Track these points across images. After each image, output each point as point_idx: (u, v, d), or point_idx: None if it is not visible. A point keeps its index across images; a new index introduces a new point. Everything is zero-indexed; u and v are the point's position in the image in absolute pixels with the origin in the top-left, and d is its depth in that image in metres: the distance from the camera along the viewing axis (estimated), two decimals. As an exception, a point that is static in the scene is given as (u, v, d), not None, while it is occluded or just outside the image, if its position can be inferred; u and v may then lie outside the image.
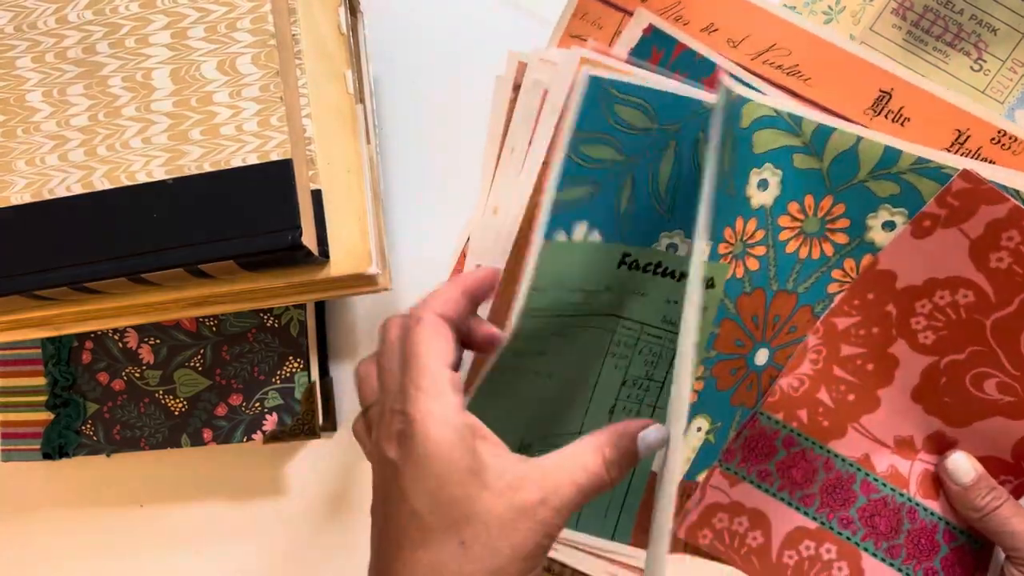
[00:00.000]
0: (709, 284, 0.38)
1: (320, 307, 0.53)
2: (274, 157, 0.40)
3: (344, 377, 0.53)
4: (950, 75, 0.51)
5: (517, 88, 0.38)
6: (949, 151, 0.39)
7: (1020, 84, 0.51)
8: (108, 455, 0.51)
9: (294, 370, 0.50)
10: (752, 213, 0.38)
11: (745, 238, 0.39)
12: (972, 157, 0.39)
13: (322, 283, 0.45)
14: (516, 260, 0.41)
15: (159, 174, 0.41)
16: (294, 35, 0.44)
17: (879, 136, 0.39)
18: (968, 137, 0.40)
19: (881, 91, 0.40)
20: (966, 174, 0.38)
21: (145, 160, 0.41)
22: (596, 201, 0.36)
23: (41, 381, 0.52)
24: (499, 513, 0.30)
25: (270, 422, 0.50)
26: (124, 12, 0.42)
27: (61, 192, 0.41)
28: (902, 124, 0.40)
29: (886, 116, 0.40)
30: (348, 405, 0.53)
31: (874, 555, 0.43)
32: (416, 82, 0.54)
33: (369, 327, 0.54)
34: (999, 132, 0.39)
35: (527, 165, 0.37)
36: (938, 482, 0.43)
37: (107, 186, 0.41)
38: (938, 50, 0.52)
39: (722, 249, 0.38)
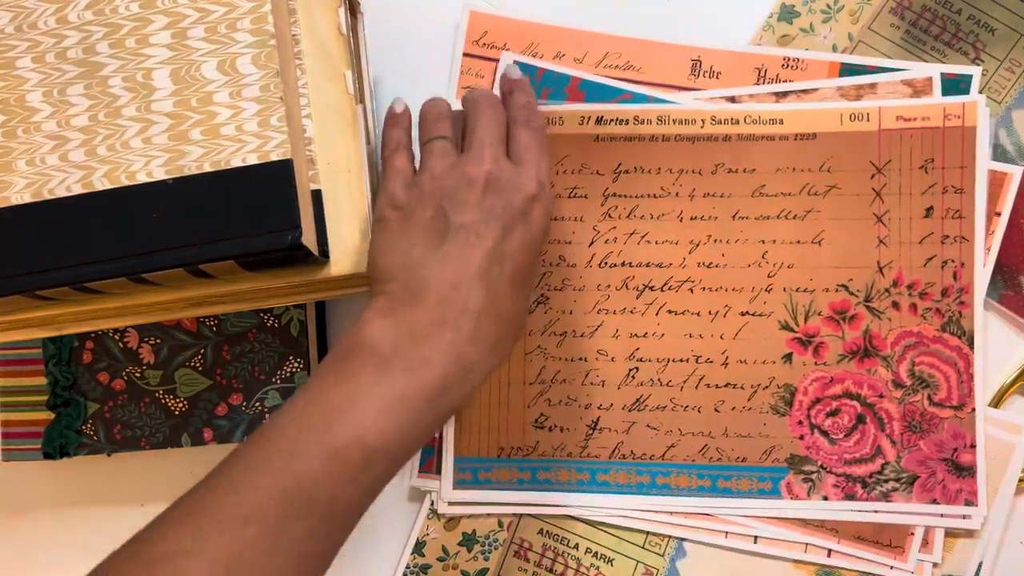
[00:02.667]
0: None
1: (320, 307, 0.53)
2: (274, 157, 0.40)
3: (344, 377, 0.53)
4: (948, 75, 0.51)
5: None
6: (757, 84, 0.51)
7: (1018, 84, 0.51)
8: (109, 455, 0.51)
9: (294, 370, 0.50)
10: None
11: None
12: (773, 82, 0.51)
13: (322, 283, 0.45)
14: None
15: (159, 174, 0.41)
16: (294, 35, 0.44)
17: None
18: (766, 70, 0.52)
19: (692, 60, 0.52)
20: None
21: (145, 160, 0.41)
22: None
23: (42, 381, 0.52)
24: None
25: (270, 422, 0.50)
26: (124, 12, 0.42)
27: (61, 192, 0.41)
28: (716, 78, 0.52)
29: (704, 76, 0.52)
30: (348, 405, 0.53)
31: None
32: (416, 82, 0.54)
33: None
34: (785, 59, 0.51)
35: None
36: None
37: (107, 186, 0.41)
38: (936, 49, 0.52)
39: None
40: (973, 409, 0.49)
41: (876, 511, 0.49)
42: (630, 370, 0.50)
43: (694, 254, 0.50)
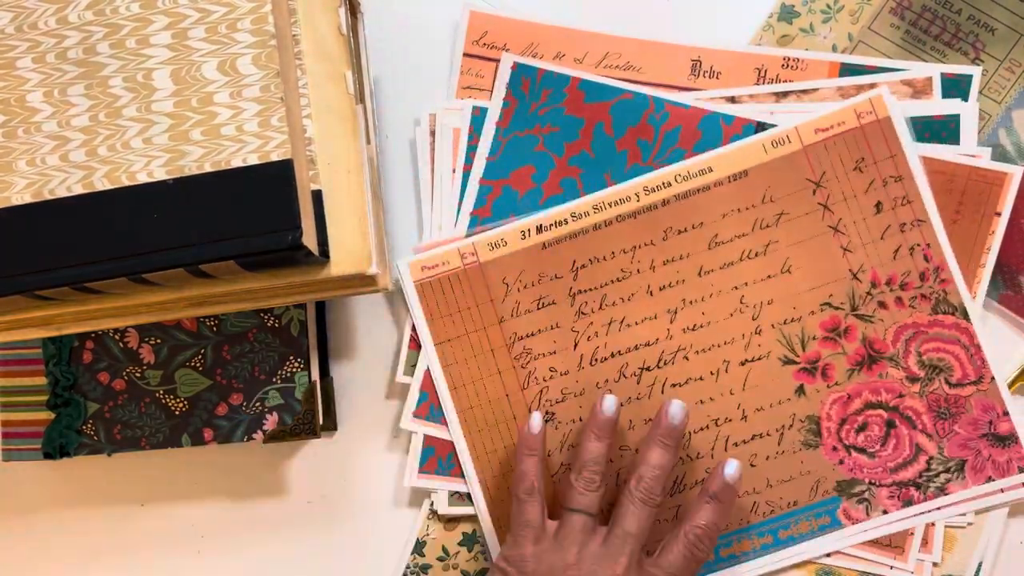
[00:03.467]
0: None
1: (320, 307, 0.53)
2: (274, 157, 0.40)
3: (344, 377, 0.54)
4: (948, 75, 0.51)
5: (433, 132, 0.53)
6: (757, 84, 0.52)
7: (1018, 84, 0.51)
8: (109, 454, 0.51)
9: (294, 370, 0.50)
10: None
11: None
12: (773, 82, 0.51)
13: (322, 283, 0.45)
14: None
15: (160, 174, 0.41)
16: (294, 35, 0.44)
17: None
18: (766, 70, 0.51)
19: (692, 60, 0.52)
20: None
21: (146, 160, 0.41)
22: None
23: (42, 381, 0.52)
24: None
25: (271, 422, 0.50)
26: (125, 12, 0.42)
27: (62, 192, 0.41)
28: (716, 78, 0.52)
29: (703, 76, 0.52)
30: (348, 405, 0.54)
31: None
32: (416, 82, 0.54)
33: (369, 327, 0.54)
34: (785, 59, 0.51)
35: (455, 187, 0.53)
36: None
37: (108, 186, 0.41)
38: (936, 49, 0.52)
39: None
40: (992, 378, 0.49)
41: (939, 507, 0.48)
42: None
43: (676, 322, 0.50)
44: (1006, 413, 0.48)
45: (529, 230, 0.51)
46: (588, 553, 0.43)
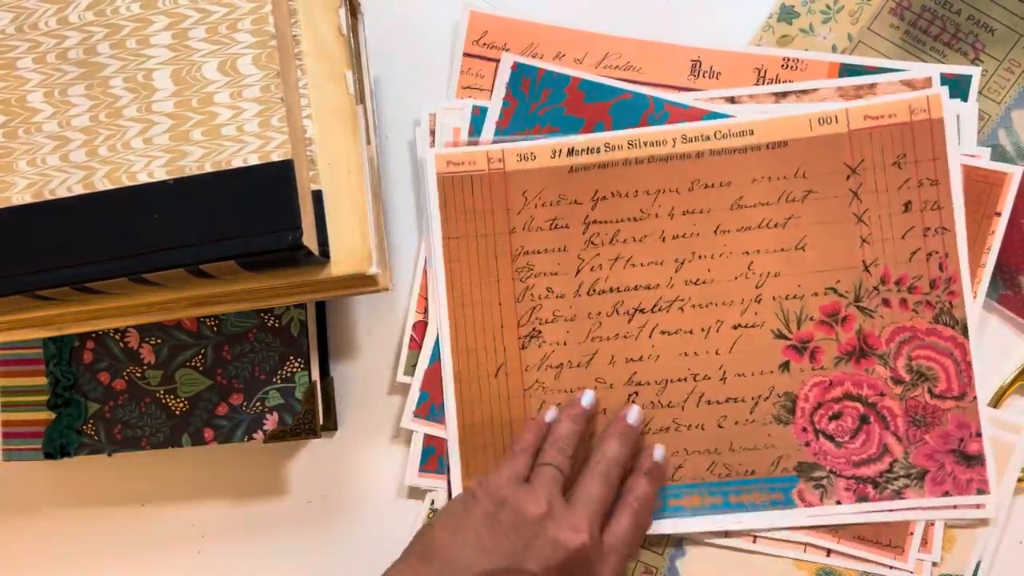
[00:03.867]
0: None
1: (320, 307, 0.53)
2: (275, 158, 0.40)
3: (344, 377, 0.54)
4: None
5: (432, 132, 0.53)
6: (756, 84, 0.52)
7: (1017, 84, 0.51)
8: (109, 454, 0.51)
9: (295, 370, 0.50)
10: None
11: None
12: (773, 83, 0.52)
13: (322, 283, 0.45)
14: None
15: (160, 175, 0.41)
16: (295, 36, 0.44)
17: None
18: (766, 70, 0.52)
19: (692, 60, 0.52)
20: None
21: (146, 161, 0.41)
22: None
23: (42, 381, 0.52)
24: None
25: (271, 421, 0.50)
26: (125, 13, 0.42)
27: (62, 192, 0.41)
28: (716, 78, 0.52)
29: (703, 76, 0.52)
30: (348, 405, 0.54)
31: None
32: (416, 82, 0.54)
33: (369, 327, 0.54)
34: (785, 59, 0.52)
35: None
36: None
37: (108, 186, 0.41)
38: (936, 50, 0.52)
39: None
40: (975, 398, 0.49)
41: (891, 510, 0.49)
42: (630, 395, 0.50)
43: (680, 272, 0.50)
44: (979, 434, 0.48)
45: (560, 151, 0.51)
46: (557, 502, 0.45)
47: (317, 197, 0.44)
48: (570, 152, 0.51)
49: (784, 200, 0.50)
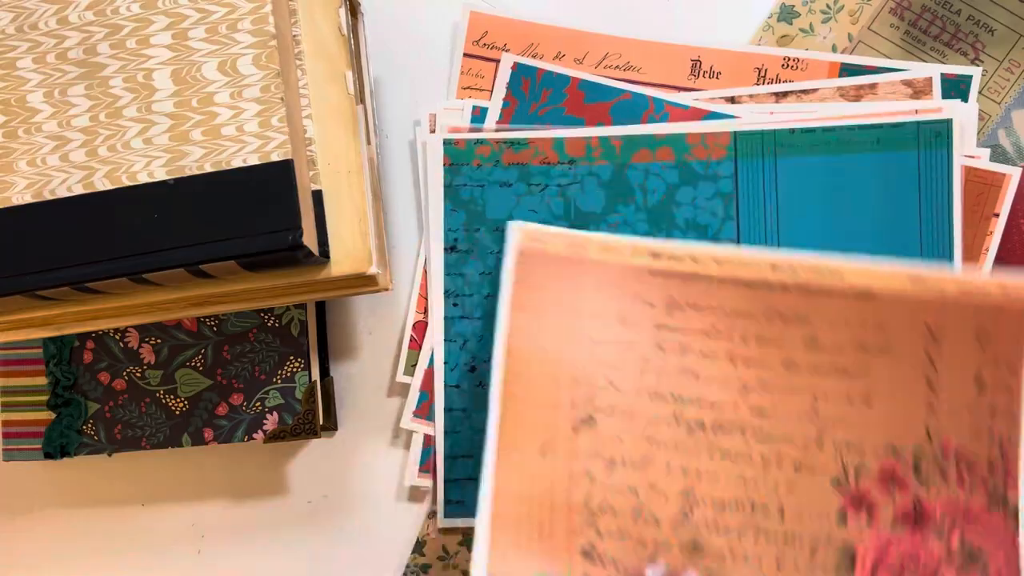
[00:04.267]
0: None
1: (320, 307, 0.53)
2: (275, 158, 0.40)
3: (344, 377, 0.54)
4: (948, 75, 0.51)
5: (433, 132, 0.53)
6: (756, 84, 0.52)
7: (1017, 84, 0.51)
8: (109, 455, 0.51)
9: (295, 370, 0.50)
10: None
11: None
12: (773, 83, 0.52)
13: (322, 283, 0.45)
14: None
15: (160, 174, 0.41)
16: (295, 36, 0.45)
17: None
18: (766, 70, 0.52)
19: (692, 60, 0.52)
20: None
21: (146, 160, 0.41)
22: None
23: (42, 381, 0.52)
24: None
25: (271, 421, 0.50)
26: (125, 13, 0.42)
27: (62, 192, 0.41)
28: (716, 78, 0.52)
29: (703, 76, 0.52)
30: (348, 405, 0.54)
31: None
32: (416, 82, 0.54)
33: (369, 327, 0.54)
34: (785, 59, 0.52)
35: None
36: None
37: (108, 186, 0.41)
38: (936, 50, 0.52)
39: None
40: None
41: None
42: (684, 512, 0.48)
43: (745, 398, 0.48)
44: None
45: (641, 250, 0.49)
46: None
47: (317, 197, 0.44)
48: (654, 255, 0.49)
49: (859, 350, 0.48)
